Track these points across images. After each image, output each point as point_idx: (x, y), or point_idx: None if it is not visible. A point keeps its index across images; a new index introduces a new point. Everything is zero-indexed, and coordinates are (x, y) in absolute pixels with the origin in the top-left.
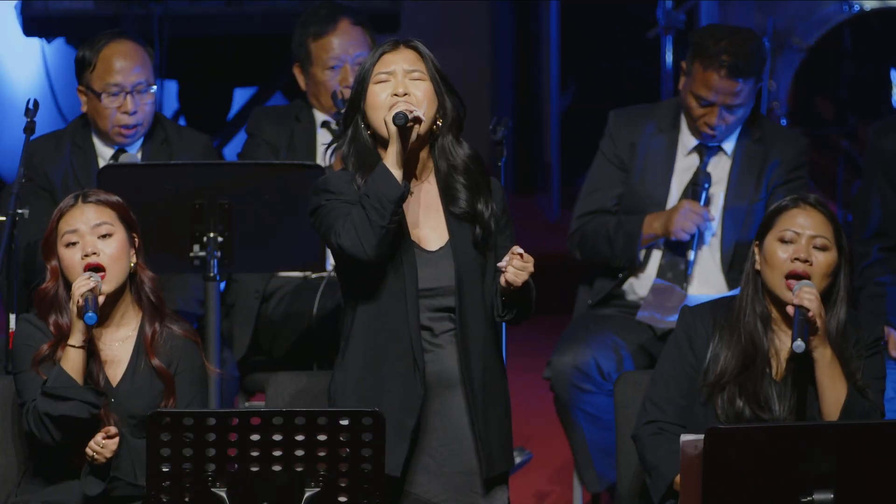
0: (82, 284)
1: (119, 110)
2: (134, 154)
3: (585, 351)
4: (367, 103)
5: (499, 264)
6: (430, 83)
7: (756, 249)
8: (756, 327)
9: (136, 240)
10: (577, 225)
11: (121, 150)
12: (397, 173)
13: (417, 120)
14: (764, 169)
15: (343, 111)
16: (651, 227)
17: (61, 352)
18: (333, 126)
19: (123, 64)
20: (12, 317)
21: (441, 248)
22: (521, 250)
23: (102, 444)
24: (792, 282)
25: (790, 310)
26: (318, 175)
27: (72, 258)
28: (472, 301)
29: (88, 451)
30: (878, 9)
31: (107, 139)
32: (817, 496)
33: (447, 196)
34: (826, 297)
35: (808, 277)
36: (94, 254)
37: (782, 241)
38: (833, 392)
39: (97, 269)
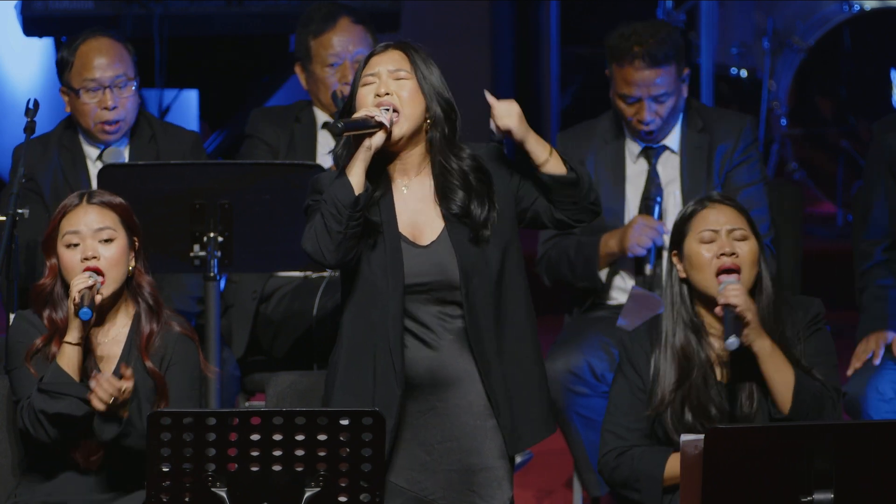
0: (80, 281)
1: (99, 106)
2: (120, 150)
3: (577, 354)
4: (356, 105)
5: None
6: (415, 82)
7: (675, 260)
8: (687, 338)
9: (137, 243)
10: (542, 251)
11: (106, 147)
12: (354, 179)
13: (380, 125)
14: (712, 157)
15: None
16: (607, 247)
17: (54, 346)
18: None
19: (101, 60)
20: (12, 316)
21: (433, 242)
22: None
23: (124, 388)
24: (724, 277)
25: (719, 311)
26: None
27: (71, 259)
28: (479, 289)
29: (94, 386)
30: (878, 9)
31: (92, 138)
32: (817, 496)
33: (441, 196)
34: (754, 286)
35: (738, 270)
36: (94, 258)
37: (703, 241)
38: (780, 380)
39: (96, 272)
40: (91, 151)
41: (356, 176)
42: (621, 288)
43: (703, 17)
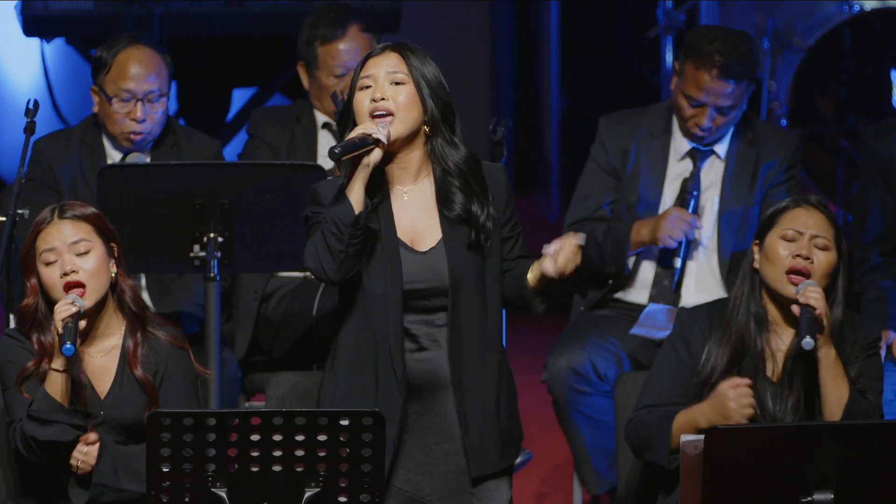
0: (63, 310)
1: (128, 116)
2: (143, 156)
3: (581, 352)
4: (354, 110)
5: (546, 247)
6: (413, 86)
7: (756, 248)
8: (748, 325)
9: (116, 249)
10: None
11: (128, 151)
12: (353, 198)
13: (377, 142)
14: (757, 171)
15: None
16: (639, 234)
17: (46, 364)
18: (335, 128)
19: (138, 71)
20: (12, 317)
21: (432, 249)
22: (581, 241)
23: (85, 452)
24: (794, 277)
25: (795, 309)
26: (318, 175)
27: (51, 277)
28: (466, 300)
29: (73, 461)
30: (878, 9)
31: (116, 141)
32: (817, 496)
33: (442, 199)
34: (826, 297)
35: (808, 275)
36: (74, 272)
37: (784, 238)
38: (836, 392)
39: (77, 285)
40: (113, 153)
41: (356, 194)
42: (639, 287)
43: (703, 17)
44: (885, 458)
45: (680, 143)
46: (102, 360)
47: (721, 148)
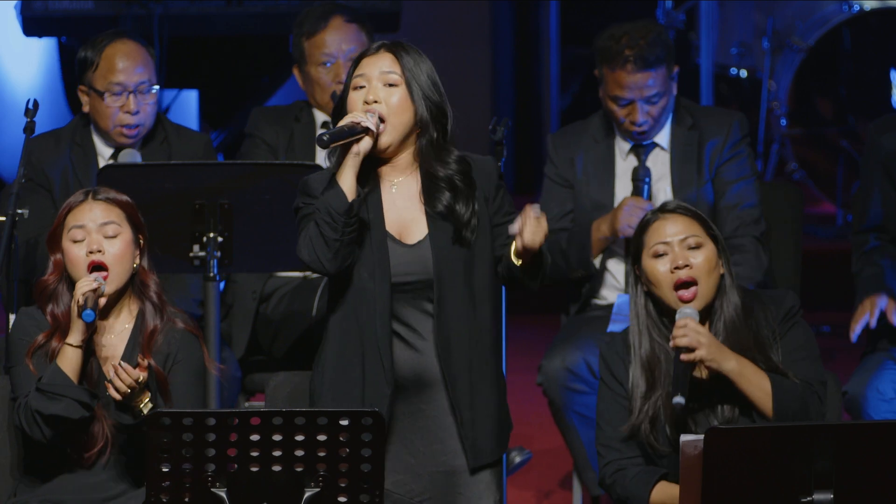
0: (85, 284)
1: (122, 110)
2: (135, 151)
3: (574, 352)
4: (347, 109)
5: (511, 227)
6: (405, 89)
7: (637, 274)
8: (653, 349)
9: (142, 241)
10: None
11: (120, 147)
12: (345, 186)
13: (367, 130)
14: (702, 153)
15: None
16: (599, 231)
17: (56, 343)
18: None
19: (126, 63)
20: (12, 316)
21: (420, 242)
22: (536, 212)
23: (137, 378)
24: (682, 293)
25: (671, 350)
26: None
27: (76, 254)
28: (452, 294)
29: (112, 375)
30: (878, 9)
31: (107, 138)
32: (817, 496)
33: (427, 195)
34: (717, 291)
35: (694, 282)
36: (99, 251)
37: (656, 255)
38: (758, 391)
39: (100, 268)
40: (104, 150)
41: (347, 182)
42: (615, 287)
43: (703, 17)
44: (885, 458)
45: (622, 143)
46: (111, 342)
47: (663, 138)
